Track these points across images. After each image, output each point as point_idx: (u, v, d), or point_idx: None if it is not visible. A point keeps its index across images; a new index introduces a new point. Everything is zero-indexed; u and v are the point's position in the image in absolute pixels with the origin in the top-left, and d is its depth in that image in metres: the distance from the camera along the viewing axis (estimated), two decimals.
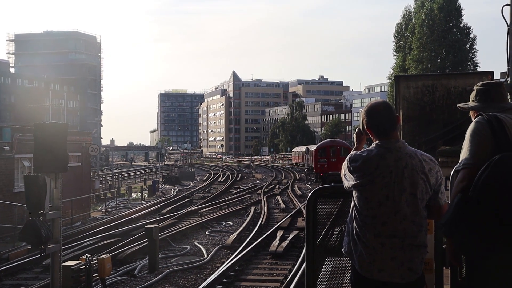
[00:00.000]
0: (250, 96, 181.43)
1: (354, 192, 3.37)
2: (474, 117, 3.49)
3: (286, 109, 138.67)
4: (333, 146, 44.92)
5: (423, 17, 57.59)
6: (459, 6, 58.74)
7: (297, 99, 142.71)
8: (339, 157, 40.93)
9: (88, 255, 11.75)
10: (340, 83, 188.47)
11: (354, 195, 3.37)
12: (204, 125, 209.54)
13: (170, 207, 28.39)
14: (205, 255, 16.15)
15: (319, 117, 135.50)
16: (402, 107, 7.75)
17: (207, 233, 20.37)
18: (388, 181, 3.23)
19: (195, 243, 18.23)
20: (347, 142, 59.94)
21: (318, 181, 43.90)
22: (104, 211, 29.71)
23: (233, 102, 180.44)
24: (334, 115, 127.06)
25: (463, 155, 3.28)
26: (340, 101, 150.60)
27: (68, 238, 18.28)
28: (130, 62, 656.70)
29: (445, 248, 3.70)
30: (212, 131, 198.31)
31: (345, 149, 42.91)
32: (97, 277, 11.82)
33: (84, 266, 11.16)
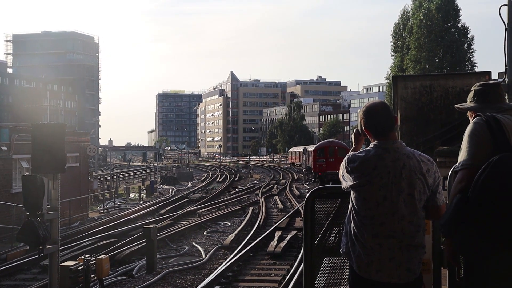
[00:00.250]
0: (248, 96, 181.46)
1: (352, 193, 3.37)
2: (471, 117, 3.49)
3: (284, 109, 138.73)
4: (331, 146, 46.99)
5: (421, 17, 57.57)
6: (456, 6, 58.74)
7: (295, 99, 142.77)
8: (337, 157, 42.71)
9: (86, 256, 11.75)
10: (338, 83, 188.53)
11: (352, 195, 3.36)
12: (202, 125, 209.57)
13: (168, 208, 28.39)
14: (203, 255, 16.14)
15: (317, 117, 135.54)
16: (400, 108, 7.75)
17: (205, 233, 20.38)
18: (386, 181, 3.23)
19: (193, 243, 18.24)
20: (345, 142, 60.59)
21: (316, 181, 45.05)
22: (102, 211, 29.70)
23: (231, 102, 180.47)
24: (332, 115, 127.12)
25: (461, 156, 3.28)
26: (338, 101, 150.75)
27: (66, 239, 18.27)
28: (128, 63, 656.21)
29: (443, 248, 3.70)
30: (210, 131, 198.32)
31: (342, 149, 44.75)
32: (95, 278, 11.80)
33: (82, 267, 11.16)
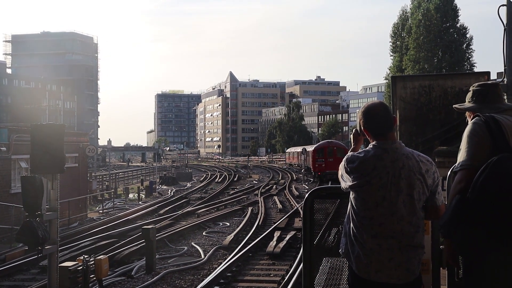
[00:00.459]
0: (247, 96, 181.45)
1: (351, 193, 3.37)
2: (470, 118, 3.49)
3: (283, 110, 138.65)
4: (330, 146, 48.08)
5: (420, 17, 57.61)
6: (455, 6, 58.82)
7: (294, 100, 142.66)
8: (336, 157, 43.74)
9: (85, 256, 11.73)
10: (337, 83, 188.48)
11: (351, 196, 3.36)
12: (201, 125, 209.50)
13: (167, 208, 28.37)
14: (202, 255, 16.13)
15: (316, 118, 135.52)
16: (399, 108, 7.76)
17: (204, 233, 20.37)
18: (385, 182, 3.23)
19: (192, 243, 18.22)
20: (344, 142, 60.97)
21: (315, 180, 45.33)
22: (101, 212, 29.66)
23: (230, 102, 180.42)
24: (331, 116, 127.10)
25: (460, 156, 3.27)
26: (337, 102, 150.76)
27: (65, 239, 18.24)
28: (127, 63, 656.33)
29: (442, 248, 3.70)
30: (209, 131, 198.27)
31: (341, 149, 45.87)
32: (94, 278, 11.79)
33: (81, 267, 11.14)
